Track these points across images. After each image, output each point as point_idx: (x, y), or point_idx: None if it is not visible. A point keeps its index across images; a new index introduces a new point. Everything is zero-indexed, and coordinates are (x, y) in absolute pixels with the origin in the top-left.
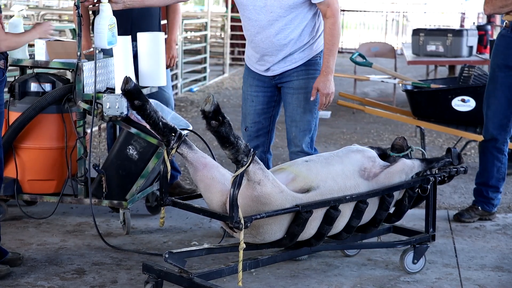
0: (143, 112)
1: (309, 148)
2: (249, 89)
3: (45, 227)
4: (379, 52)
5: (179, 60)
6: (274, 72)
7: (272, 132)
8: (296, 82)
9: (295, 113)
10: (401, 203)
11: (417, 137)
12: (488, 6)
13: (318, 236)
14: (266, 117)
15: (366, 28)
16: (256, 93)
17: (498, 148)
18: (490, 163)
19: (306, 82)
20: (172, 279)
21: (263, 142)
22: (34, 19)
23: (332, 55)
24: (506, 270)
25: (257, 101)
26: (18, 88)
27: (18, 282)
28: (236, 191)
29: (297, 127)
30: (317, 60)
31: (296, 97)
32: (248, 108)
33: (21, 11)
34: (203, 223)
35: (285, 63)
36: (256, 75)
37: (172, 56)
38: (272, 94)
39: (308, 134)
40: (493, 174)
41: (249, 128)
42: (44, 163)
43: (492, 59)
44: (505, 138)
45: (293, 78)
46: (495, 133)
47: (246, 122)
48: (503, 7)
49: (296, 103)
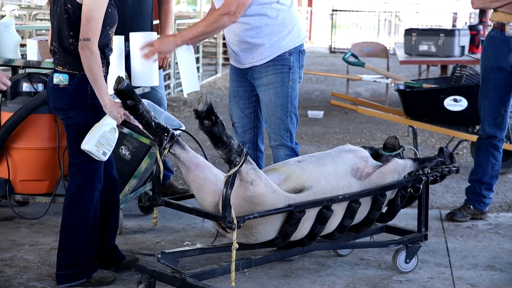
0: (135, 112)
1: (289, 142)
2: (232, 84)
3: (37, 228)
4: (371, 52)
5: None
6: (244, 65)
7: (259, 128)
8: (265, 79)
9: (268, 108)
10: (394, 203)
11: (410, 137)
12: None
13: (311, 236)
14: (250, 112)
15: (358, 28)
16: (237, 88)
17: (494, 145)
18: (485, 159)
19: (274, 78)
20: (165, 279)
21: (250, 138)
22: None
23: (193, 30)
24: (498, 269)
25: (239, 96)
26: (10, 88)
27: (10, 283)
28: (229, 191)
29: (272, 122)
30: (286, 56)
31: (266, 93)
32: (233, 104)
33: (13, 11)
34: (196, 223)
35: (252, 58)
36: (236, 70)
37: (165, 57)
38: (251, 89)
39: (283, 128)
40: (487, 171)
41: (235, 124)
42: (36, 163)
43: (483, 61)
44: (502, 136)
45: (262, 75)
46: (492, 132)
47: (232, 118)
48: (492, 2)
49: (267, 99)
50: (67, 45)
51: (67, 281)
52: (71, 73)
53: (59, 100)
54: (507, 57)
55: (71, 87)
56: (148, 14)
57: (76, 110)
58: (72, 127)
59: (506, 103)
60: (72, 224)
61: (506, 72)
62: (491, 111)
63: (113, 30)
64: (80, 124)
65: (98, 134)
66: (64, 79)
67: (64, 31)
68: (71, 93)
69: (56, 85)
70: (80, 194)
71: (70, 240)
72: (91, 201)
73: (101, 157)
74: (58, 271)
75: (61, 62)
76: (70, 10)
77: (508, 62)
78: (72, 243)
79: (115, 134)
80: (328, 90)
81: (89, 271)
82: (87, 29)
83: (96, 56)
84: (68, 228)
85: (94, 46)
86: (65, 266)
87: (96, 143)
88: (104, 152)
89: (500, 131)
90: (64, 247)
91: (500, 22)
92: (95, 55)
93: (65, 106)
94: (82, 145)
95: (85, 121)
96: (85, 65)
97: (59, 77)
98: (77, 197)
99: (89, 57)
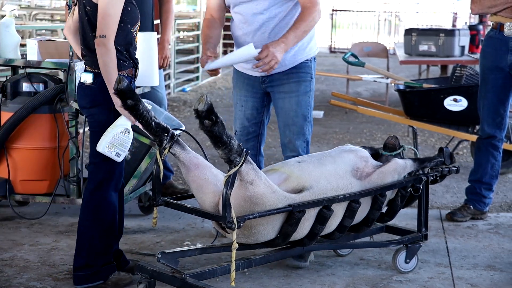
0: (135, 112)
1: (305, 152)
2: (239, 93)
3: (37, 228)
4: (371, 52)
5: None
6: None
7: (262, 136)
8: (286, 86)
9: (288, 117)
10: (394, 203)
11: (410, 137)
12: (476, 5)
13: (311, 235)
14: (256, 122)
15: (358, 28)
16: (246, 98)
17: (494, 145)
18: (485, 159)
19: (296, 85)
20: (165, 279)
21: (253, 146)
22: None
23: (293, 31)
24: (498, 269)
25: (246, 106)
26: (10, 88)
27: (10, 283)
28: (228, 191)
29: (291, 131)
30: (308, 63)
31: (287, 101)
32: (238, 112)
33: (13, 11)
34: (196, 223)
35: None
36: (245, 79)
37: (165, 56)
38: (261, 99)
39: (302, 138)
40: (487, 171)
41: (238, 132)
42: (36, 163)
43: (481, 61)
44: (501, 136)
45: (283, 82)
46: (491, 132)
47: (235, 126)
48: (491, 7)
49: (287, 107)
50: (92, 46)
51: (84, 282)
52: (96, 72)
53: (83, 98)
54: (506, 57)
55: (95, 86)
56: (149, 14)
57: (99, 108)
58: (94, 124)
59: (505, 103)
60: (88, 224)
61: (504, 72)
62: (490, 111)
63: (136, 28)
64: (102, 122)
65: (111, 135)
66: (89, 77)
67: (88, 33)
68: (95, 91)
69: (82, 84)
70: (97, 193)
71: (87, 241)
72: (108, 201)
73: (115, 158)
74: (75, 272)
75: (89, 62)
76: (90, 11)
77: (506, 62)
78: (89, 244)
79: (129, 135)
80: (328, 90)
81: (106, 273)
82: (102, 26)
83: (112, 53)
84: (84, 228)
85: (110, 43)
86: (82, 267)
87: (108, 145)
88: (117, 153)
89: (500, 131)
90: (81, 247)
91: (499, 22)
92: (111, 52)
93: (88, 104)
94: (96, 147)
95: (107, 119)
96: (100, 61)
97: (85, 76)
98: (94, 197)
99: (104, 54)
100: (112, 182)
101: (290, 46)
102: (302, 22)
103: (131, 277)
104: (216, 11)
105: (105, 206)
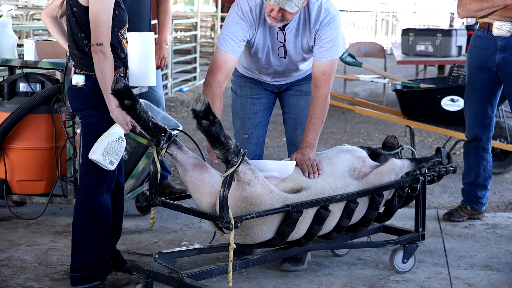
0: (133, 112)
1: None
2: (249, 92)
3: (34, 228)
4: (369, 52)
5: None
6: (282, 81)
7: (265, 135)
8: (305, 85)
9: (302, 114)
10: (391, 203)
11: (407, 137)
12: (462, 9)
13: (308, 236)
14: (265, 122)
15: (356, 28)
16: (258, 95)
17: (482, 147)
18: (475, 162)
19: None
20: (162, 279)
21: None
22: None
23: (314, 129)
24: (495, 269)
25: (259, 103)
26: (7, 88)
27: (8, 283)
28: (226, 191)
29: (303, 129)
30: None
31: (303, 99)
32: (249, 112)
33: (10, 11)
34: (193, 223)
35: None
36: (255, 80)
37: (163, 57)
38: (272, 98)
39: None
40: (479, 173)
41: (249, 134)
42: (34, 163)
43: (469, 60)
44: (488, 136)
45: (302, 82)
46: (479, 133)
47: (245, 128)
48: (478, 11)
49: (303, 105)
50: (82, 47)
51: (81, 283)
52: (87, 74)
53: (76, 100)
54: (494, 56)
55: (87, 88)
56: (146, 14)
57: (92, 110)
58: (88, 126)
59: (493, 103)
60: (83, 225)
61: (492, 71)
62: (477, 111)
63: (123, 31)
64: (95, 124)
65: (105, 143)
66: (81, 79)
67: (76, 34)
68: (88, 93)
69: (74, 86)
70: (91, 194)
71: (82, 242)
72: (102, 202)
73: (108, 166)
74: (72, 272)
75: (79, 64)
76: (77, 12)
77: (494, 62)
78: (85, 245)
79: (123, 144)
80: None
81: (103, 273)
82: (97, 34)
83: (110, 60)
84: (79, 230)
85: (108, 50)
86: (79, 267)
87: (103, 152)
88: (111, 161)
89: (487, 132)
90: (77, 248)
91: (487, 22)
92: (109, 59)
93: (81, 106)
94: (89, 155)
95: (100, 120)
96: (97, 68)
97: (76, 78)
98: (87, 198)
99: (102, 61)
100: (105, 183)
101: (315, 146)
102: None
103: (129, 277)
104: (225, 71)
105: (99, 208)
